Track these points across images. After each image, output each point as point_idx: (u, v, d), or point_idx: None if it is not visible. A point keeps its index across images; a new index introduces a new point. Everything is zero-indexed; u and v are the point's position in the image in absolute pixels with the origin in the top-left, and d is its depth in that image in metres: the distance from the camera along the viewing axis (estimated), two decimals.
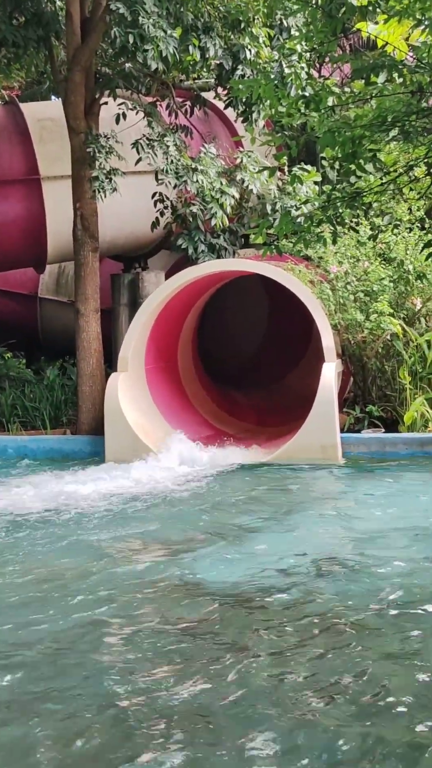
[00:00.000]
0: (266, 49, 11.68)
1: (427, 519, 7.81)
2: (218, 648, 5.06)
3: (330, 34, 5.96)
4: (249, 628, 5.36)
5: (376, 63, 5.87)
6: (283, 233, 6.55)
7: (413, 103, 5.74)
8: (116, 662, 4.91)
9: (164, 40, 10.52)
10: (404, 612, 5.53)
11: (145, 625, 5.46)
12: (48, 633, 5.35)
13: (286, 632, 5.27)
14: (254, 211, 13.27)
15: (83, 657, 4.97)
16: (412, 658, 4.82)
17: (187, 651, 5.04)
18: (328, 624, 5.38)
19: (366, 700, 4.31)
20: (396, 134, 5.99)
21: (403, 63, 5.92)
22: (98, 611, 5.69)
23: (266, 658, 4.88)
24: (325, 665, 4.75)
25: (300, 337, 13.87)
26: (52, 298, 16.12)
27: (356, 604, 5.71)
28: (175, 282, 11.54)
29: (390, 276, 11.78)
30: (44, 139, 12.87)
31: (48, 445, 11.87)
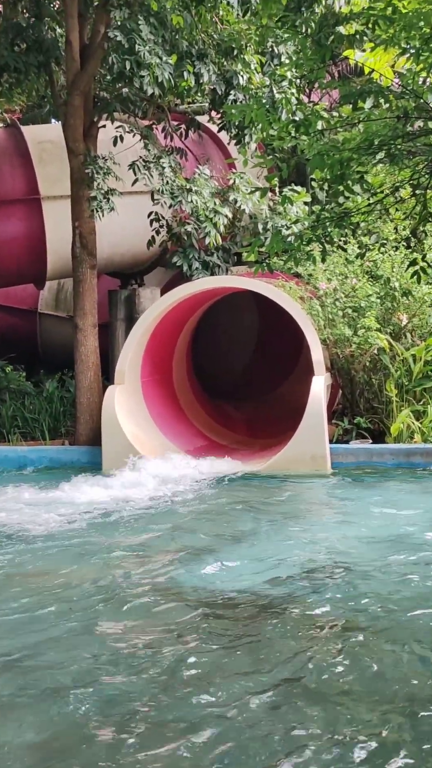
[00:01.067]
0: (258, 75, 11.75)
1: (412, 527, 7.81)
2: (207, 659, 5.05)
3: (319, 61, 6.01)
4: (237, 636, 5.34)
5: (363, 89, 5.92)
6: (274, 251, 6.58)
7: (399, 128, 5.78)
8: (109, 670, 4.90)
9: (160, 66, 10.58)
10: (390, 618, 5.52)
11: (137, 632, 5.44)
12: (44, 640, 5.32)
13: (274, 639, 5.26)
14: (246, 230, 13.31)
15: (77, 664, 4.96)
16: (400, 664, 4.82)
17: (175, 657, 5.03)
18: (317, 629, 5.37)
19: (354, 704, 4.31)
20: (382, 157, 6.03)
21: (389, 89, 5.97)
22: (90, 619, 5.67)
23: (249, 660, 4.87)
24: (313, 668, 4.75)
25: (290, 351, 13.90)
26: (51, 313, 16.13)
27: (344, 611, 5.70)
28: (170, 298, 11.56)
29: (377, 293, 11.82)
30: (44, 161, 12.91)
31: (47, 456, 11.84)
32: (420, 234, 12.66)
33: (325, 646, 5.08)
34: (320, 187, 12.70)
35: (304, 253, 6.54)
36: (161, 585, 6.36)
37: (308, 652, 4.98)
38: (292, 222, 6.87)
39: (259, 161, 6.74)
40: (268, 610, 5.75)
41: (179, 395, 12.94)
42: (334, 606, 5.77)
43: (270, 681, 4.58)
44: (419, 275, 6.45)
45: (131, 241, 13.36)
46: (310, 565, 6.72)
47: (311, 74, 6.27)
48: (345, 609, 5.70)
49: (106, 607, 5.88)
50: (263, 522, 8.21)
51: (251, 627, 5.46)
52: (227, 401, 14.53)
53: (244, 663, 4.86)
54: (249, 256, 6.76)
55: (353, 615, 5.57)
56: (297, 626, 5.43)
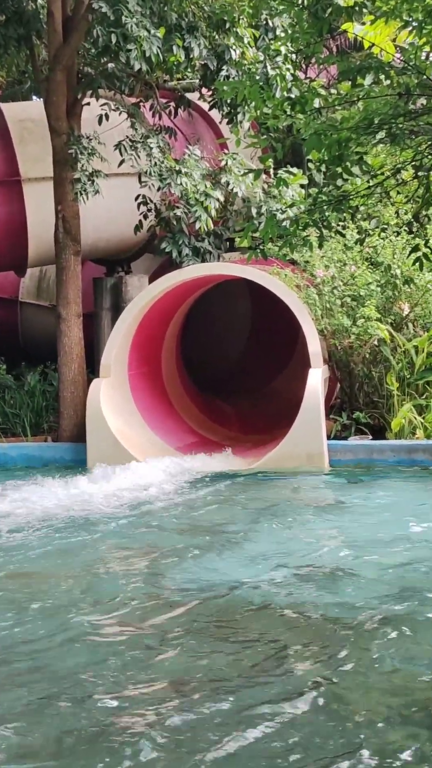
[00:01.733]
0: (251, 50, 11.70)
1: (413, 527, 7.82)
2: (200, 656, 5.05)
3: (316, 35, 5.97)
4: (232, 634, 5.35)
5: (362, 65, 5.88)
6: (268, 237, 6.54)
7: (400, 105, 5.75)
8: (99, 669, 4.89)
9: (148, 40, 10.52)
10: (391, 617, 5.53)
11: (129, 631, 5.44)
12: (32, 641, 5.32)
13: (266, 640, 5.27)
14: (239, 215, 13.28)
15: (67, 666, 4.95)
16: (397, 664, 4.83)
17: (166, 660, 5.02)
18: (314, 628, 5.38)
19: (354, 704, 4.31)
20: (383, 137, 6.00)
21: (390, 65, 5.94)
22: (78, 618, 5.67)
23: (246, 662, 4.88)
24: (312, 669, 4.75)
25: (286, 342, 13.89)
26: (33, 302, 16.07)
27: (339, 611, 5.71)
28: (158, 286, 11.53)
29: (377, 280, 11.81)
30: (25, 140, 12.83)
31: (28, 453, 11.81)
32: (423, 218, 12.64)
33: (320, 646, 5.08)
34: (317, 168, 12.66)
35: (300, 239, 6.51)
36: (149, 585, 6.37)
37: (302, 653, 4.98)
38: (288, 206, 6.85)
39: (252, 141, 6.71)
40: (261, 611, 5.76)
41: (168, 389, 12.91)
42: (329, 606, 5.79)
43: (265, 684, 4.58)
44: (422, 262, 6.43)
45: (117, 226, 13.31)
46: (304, 566, 6.72)
47: (308, 49, 6.23)
48: (340, 609, 5.71)
49: (93, 609, 5.88)
50: (256, 522, 8.21)
51: (243, 627, 5.47)
52: (219, 395, 14.52)
53: (236, 663, 4.86)
54: (242, 242, 6.75)
55: (349, 615, 5.58)
56: (291, 627, 5.43)
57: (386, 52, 6.00)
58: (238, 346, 15.77)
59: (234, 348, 15.70)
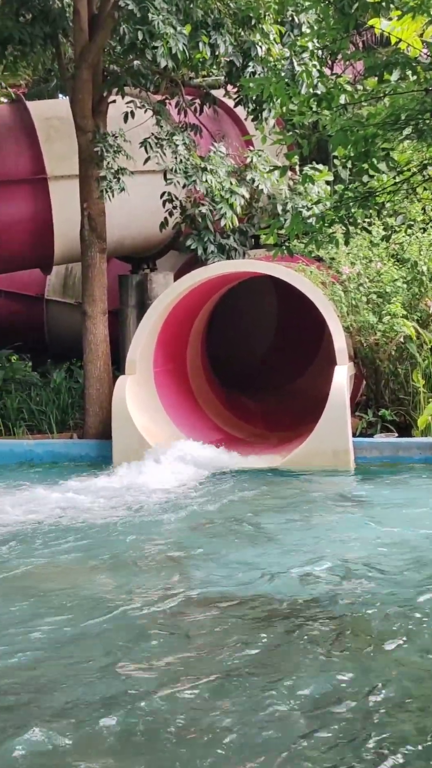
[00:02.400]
0: (277, 47, 11.68)
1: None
2: (227, 654, 5.06)
3: (342, 30, 5.95)
4: (259, 635, 5.36)
5: (389, 60, 5.85)
6: (294, 234, 6.53)
7: (427, 101, 5.71)
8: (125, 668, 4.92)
9: (174, 37, 10.52)
10: (420, 618, 5.52)
11: (157, 628, 5.47)
12: (54, 639, 5.36)
13: (301, 637, 5.27)
14: (265, 212, 13.26)
15: (87, 662, 4.98)
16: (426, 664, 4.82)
17: (196, 656, 5.04)
18: (342, 629, 5.38)
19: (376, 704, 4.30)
20: (410, 133, 5.97)
21: (417, 60, 5.90)
22: (102, 617, 5.71)
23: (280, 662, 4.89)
24: (342, 670, 4.75)
25: (311, 339, 13.86)
26: (58, 299, 16.16)
27: (370, 610, 5.71)
28: (184, 283, 11.54)
29: (403, 277, 11.76)
30: (51, 138, 12.90)
31: (54, 450, 11.87)
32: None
33: (345, 651, 5.08)
34: (343, 165, 12.57)
35: (326, 236, 6.50)
36: (177, 584, 6.39)
37: (328, 657, 4.99)
38: (314, 203, 6.84)
39: (278, 138, 6.69)
40: (288, 611, 5.77)
41: (194, 386, 12.93)
42: (355, 609, 5.77)
43: (291, 688, 4.59)
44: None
45: (143, 224, 13.34)
46: (330, 565, 6.71)
47: (334, 45, 6.20)
48: (366, 612, 5.70)
49: (123, 606, 5.91)
50: (281, 519, 8.21)
51: (269, 628, 5.47)
52: (244, 392, 14.52)
53: (264, 665, 4.87)
54: (267, 239, 6.74)
55: (373, 618, 5.57)
56: (317, 629, 5.43)
57: (413, 47, 5.97)
58: (264, 343, 15.75)
59: (260, 345, 15.69)
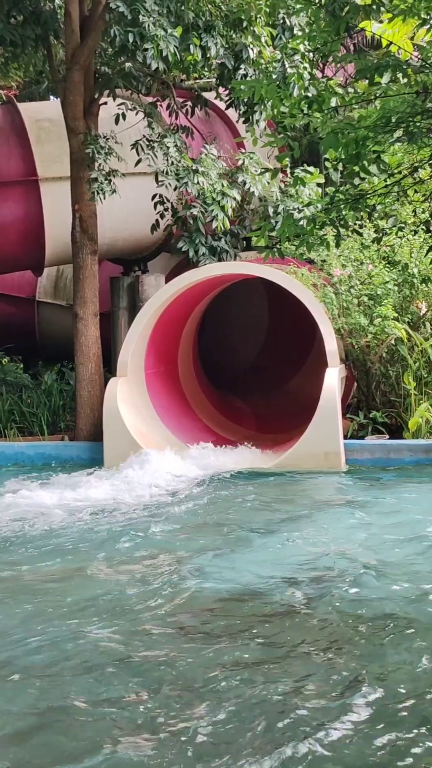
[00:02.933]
0: (269, 49, 11.69)
1: (430, 526, 7.79)
2: (219, 652, 5.06)
3: (333, 33, 5.97)
4: (250, 636, 5.36)
5: (380, 63, 5.87)
6: (285, 236, 6.55)
7: (418, 104, 5.74)
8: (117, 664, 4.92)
9: (165, 39, 10.53)
10: (405, 621, 5.52)
11: (146, 627, 5.46)
12: (51, 640, 5.35)
13: (287, 639, 5.27)
14: (256, 214, 13.27)
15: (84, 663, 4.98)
16: (413, 667, 4.82)
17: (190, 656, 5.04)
18: (327, 630, 5.38)
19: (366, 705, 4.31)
20: (400, 135, 6.00)
21: (407, 63, 5.93)
22: (94, 615, 5.70)
23: (266, 662, 4.89)
24: (323, 669, 4.76)
25: (302, 342, 13.87)
26: (50, 301, 16.13)
27: (360, 610, 5.71)
28: (175, 285, 11.54)
29: (394, 279, 11.78)
30: (42, 140, 12.88)
31: (45, 452, 11.85)
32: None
33: (334, 649, 5.08)
34: (334, 167, 12.62)
35: (317, 238, 6.51)
36: (167, 584, 6.38)
37: (318, 655, 4.99)
38: (304, 205, 6.84)
39: (269, 140, 6.70)
40: (277, 612, 5.77)
41: (185, 388, 12.93)
42: (343, 609, 5.78)
43: (281, 683, 4.59)
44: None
45: (134, 226, 13.33)
46: (321, 567, 6.72)
47: (325, 47, 6.22)
48: (354, 612, 5.71)
49: (110, 607, 5.91)
50: (273, 522, 8.20)
51: (258, 628, 5.47)
52: (235, 394, 14.52)
53: (252, 664, 4.87)
54: (258, 241, 6.74)
55: (362, 618, 5.58)
56: (304, 629, 5.43)
57: (404, 50, 5.99)
58: (255, 345, 15.76)
59: (251, 347, 15.70)
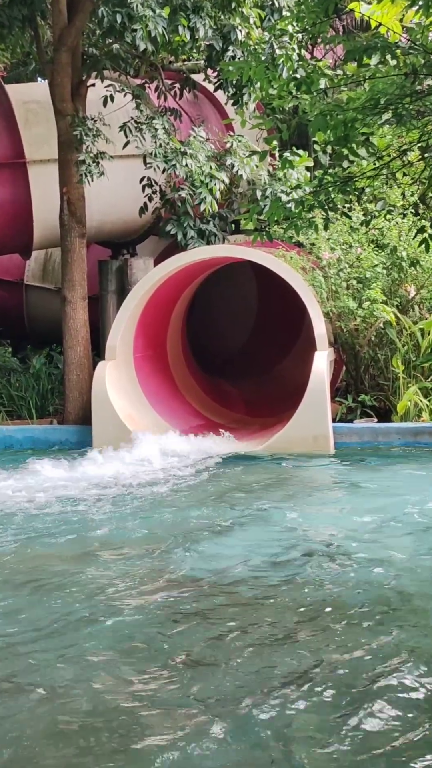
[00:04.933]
0: (257, 30, 11.61)
1: (419, 510, 7.82)
2: (207, 638, 5.07)
3: (322, 14, 5.91)
4: (236, 619, 5.37)
5: (369, 44, 5.82)
6: (273, 219, 6.51)
7: (407, 86, 5.69)
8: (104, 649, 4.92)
9: (153, 20, 10.44)
10: (395, 602, 5.55)
11: (134, 614, 5.47)
12: (36, 622, 5.35)
13: (275, 622, 5.28)
14: (244, 197, 13.22)
15: (70, 648, 4.98)
16: (399, 648, 4.84)
17: (175, 641, 5.05)
18: (315, 613, 5.40)
19: (352, 689, 4.33)
20: (389, 117, 5.95)
21: (396, 45, 5.88)
22: (85, 602, 5.70)
23: (253, 647, 4.90)
24: (312, 653, 4.77)
25: (291, 324, 13.85)
26: (38, 285, 16.05)
27: (346, 594, 5.73)
28: (164, 269, 11.50)
29: (383, 263, 11.76)
30: (30, 122, 12.77)
31: (34, 435, 11.83)
32: (429, 200, 12.58)
33: (323, 631, 5.10)
34: (323, 150, 12.60)
35: (305, 221, 6.47)
36: (155, 568, 6.39)
37: (305, 638, 5.00)
38: (292, 188, 6.81)
39: (257, 122, 6.66)
40: (265, 595, 5.78)
41: (174, 371, 12.91)
42: (331, 591, 5.80)
43: (269, 670, 4.60)
44: (428, 243, 6.40)
45: (122, 208, 13.26)
46: (311, 549, 6.74)
47: (314, 28, 6.17)
48: (343, 594, 5.73)
49: (98, 593, 5.91)
50: (260, 506, 8.21)
51: (247, 611, 5.48)
52: (224, 378, 14.51)
53: (241, 647, 4.88)
54: (247, 224, 6.71)
55: (351, 600, 5.60)
56: (294, 612, 5.45)
57: (393, 32, 5.95)
58: (244, 329, 15.73)
59: (240, 330, 15.67)
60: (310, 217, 6.54)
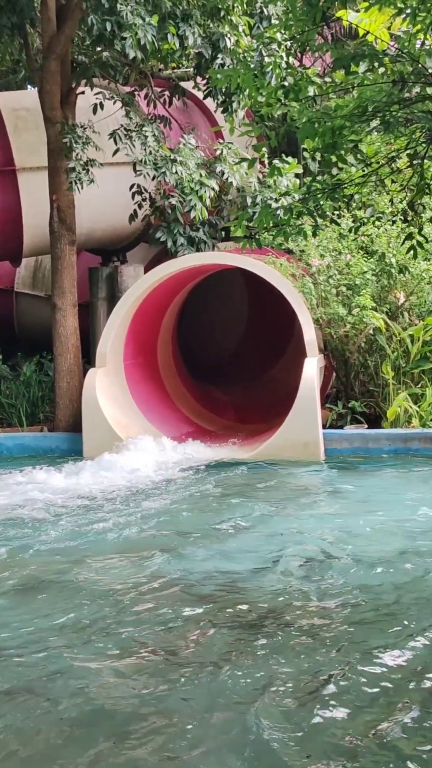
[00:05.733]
0: (246, 38, 11.66)
1: (409, 516, 7.84)
2: (199, 642, 5.06)
3: (310, 22, 5.94)
4: (228, 626, 5.36)
5: (357, 52, 5.85)
6: (263, 226, 6.53)
7: (395, 93, 5.73)
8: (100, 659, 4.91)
9: (142, 28, 10.47)
10: (385, 606, 5.55)
11: (125, 621, 5.46)
12: (31, 631, 5.33)
13: (265, 628, 5.28)
14: (234, 204, 13.25)
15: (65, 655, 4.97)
16: (390, 653, 4.85)
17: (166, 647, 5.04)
18: (304, 619, 5.40)
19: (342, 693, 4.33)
20: (377, 124, 5.99)
21: (384, 52, 5.91)
22: (77, 610, 5.69)
23: (244, 653, 4.89)
24: (301, 660, 4.77)
25: (281, 331, 13.87)
26: (28, 292, 16.05)
27: (335, 599, 5.73)
28: (154, 276, 11.50)
29: (372, 269, 11.79)
30: (19, 130, 12.78)
31: (24, 443, 11.80)
32: (417, 207, 12.61)
33: (314, 639, 5.10)
34: (312, 157, 12.64)
35: (294, 228, 6.49)
36: (145, 575, 6.37)
37: (295, 643, 5.00)
38: (281, 194, 6.84)
39: (246, 129, 6.68)
40: (259, 601, 5.77)
41: (164, 378, 12.91)
42: (321, 597, 5.79)
43: (261, 676, 4.60)
44: (415, 250, 6.42)
45: (112, 216, 13.27)
46: (301, 555, 6.73)
47: (302, 36, 6.20)
48: (335, 601, 5.72)
49: (87, 597, 5.90)
50: (252, 512, 8.20)
51: (237, 618, 5.48)
52: (215, 384, 14.52)
53: (228, 652, 4.88)
54: (236, 231, 6.73)
55: (343, 607, 5.59)
56: (287, 619, 5.45)
57: (381, 39, 5.98)
58: (235, 336, 15.75)
59: (230, 338, 15.69)
60: (299, 224, 6.56)
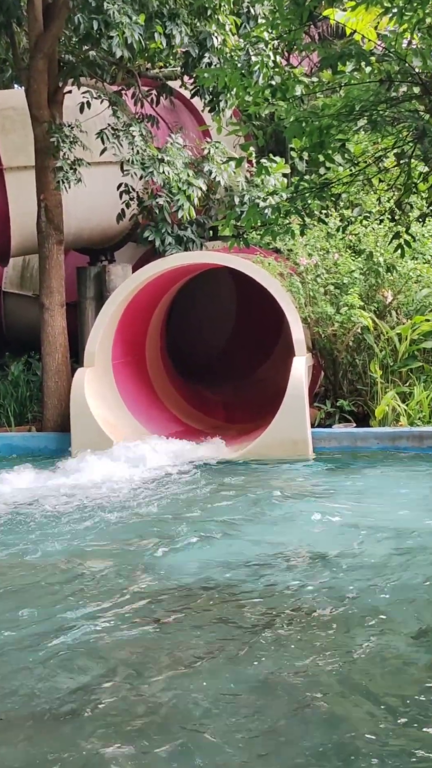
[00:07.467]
0: (233, 38, 11.65)
1: (397, 514, 7.85)
2: (190, 641, 5.06)
3: (297, 21, 5.95)
4: (218, 624, 5.36)
5: (344, 51, 5.86)
6: (250, 225, 6.53)
7: (381, 92, 5.74)
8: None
9: (129, 27, 10.44)
10: (371, 606, 5.56)
11: (117, 620, 5.45)
12: (16, 633, 5.32)
13: (254, 626, 5.28)
14: (222, 203, 13.24)
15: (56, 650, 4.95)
16: (380, 651, 4.85)
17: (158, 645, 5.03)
18: (295, 617, 5.40)
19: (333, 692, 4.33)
20: (364, 124, 6.00)
21: (371, 52, 5.92)
22: (66, 606, 5.67)
23: (234, 651, 4.89)
24: (293, 657, 4.77)
25: (270, 330, 13.88)
26: (16, 292, 15.98)
27: (325, 598, 5.73)
28: (142, 275, 11.48)
29: (360, 268, 11.81)
30: (6, 129, 12.72)
31: (12, 442, 11.78)
32: (405, 206, 12.63)
33: (300, 636, 5.10)
34: (299, 156, 12.65)
35: (282, 227, 6.50)
36: (132, 575, 6.36)
37: (281, 643, 5.00)
38: (268, 193, 6.84)
39: (234, 128, 6.68)
40: (248, 599, 5.77)
41: (153, 378, 12.89)
42: (310, 592, 5.80)
43: (245, 674, 4.60)
44: (403, 249, 6.44)
45: (100, 215, 13.25)
46: (290, 555, 6.74)
47: (289, 35, 6.20)
48: (322, 598, 5.72)
49: (75, 597, 5.88)
50: (239, 510, 8.21)
51: (225, 617, 5.47)
52: (203, 384, 14.51)
53: (217, 652, 4.88)
54: (224, 230, 6.73)
55: (329, 605, 5.60)
56: (277, 617, 5.45)
57: (368, 39, 5.99)
58: (223, 335, 15.75)
59: (218, 337, 15.68)
60: (287, 223, 6.57)
